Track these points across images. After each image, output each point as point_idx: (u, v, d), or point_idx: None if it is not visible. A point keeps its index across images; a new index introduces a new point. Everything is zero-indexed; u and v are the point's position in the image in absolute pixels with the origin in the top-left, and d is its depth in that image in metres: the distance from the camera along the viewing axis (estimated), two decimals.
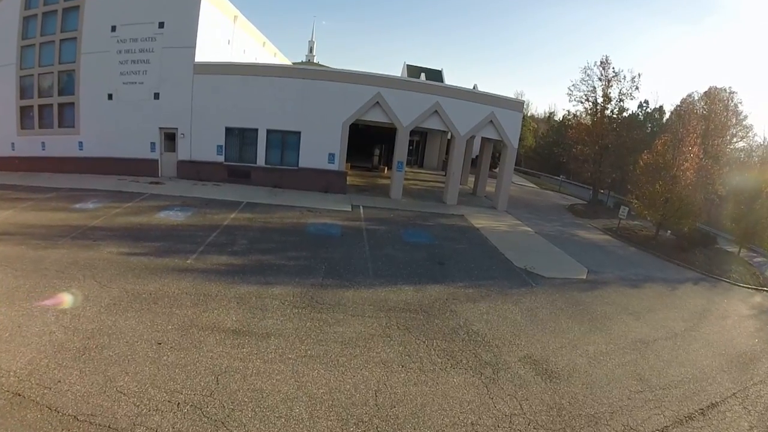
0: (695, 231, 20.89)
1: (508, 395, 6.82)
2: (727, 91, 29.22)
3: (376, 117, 19.51)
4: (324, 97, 19.19)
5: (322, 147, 19.48)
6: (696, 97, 30.41)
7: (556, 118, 47.43)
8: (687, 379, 8.16)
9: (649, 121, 31.48)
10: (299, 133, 19.47)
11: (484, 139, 25.29)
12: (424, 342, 8.05)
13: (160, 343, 6.93)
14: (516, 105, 22.02)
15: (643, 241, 19.86)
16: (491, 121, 20.80)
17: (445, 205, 20.58)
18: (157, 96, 20.06)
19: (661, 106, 32.91)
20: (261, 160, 19.74)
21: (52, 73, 21.53)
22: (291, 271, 10.67)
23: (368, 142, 30.40)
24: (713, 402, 7.55)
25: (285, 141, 19.72)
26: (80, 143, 21.49)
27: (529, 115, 45.42)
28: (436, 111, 19.77)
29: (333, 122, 19.27)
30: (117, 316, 7.63)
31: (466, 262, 13.00)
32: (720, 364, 9.04)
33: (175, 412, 5.48)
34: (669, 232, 21.67)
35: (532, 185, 37.04)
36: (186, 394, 5.83)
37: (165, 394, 5.77)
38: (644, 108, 31.53)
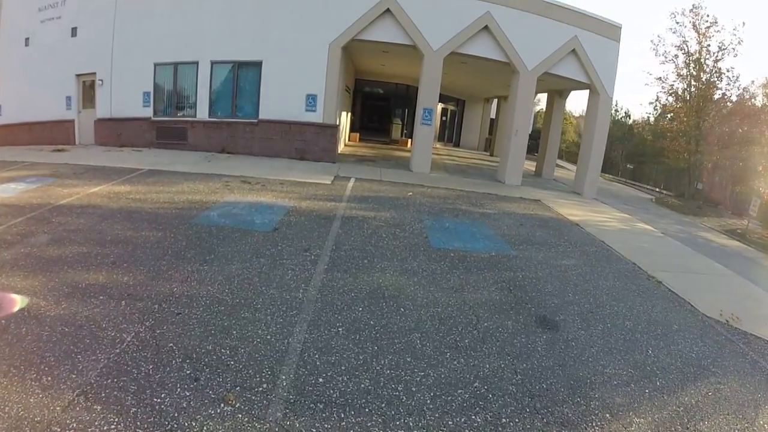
0: None
1: None
2: None
3: (385, 35, 11.73)
4: (297, 5, 11.68)
5: (297, 85, 11.84)
6: None
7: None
8: None
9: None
10: (260, 63, 11.94)
11: (552, 94, 17.11)
12: None
13: None
14: (611, 30, 13.66)
15: None
16: (574, 50, 12.76)
17: (504, 186, 12.54)
18: (74, 32, 14.06)
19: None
20: (203, 111, 12.37)
21: None
22: None
23: (386, 109, 22.96)
24: None
25: (238, 78, 12.26)
26: None
27: (567, 111, 40.16)
28: (486, 27, 11.84)
29: (313, 45, 11.64)
30: None
31: (603, 311, 4.84)
32: None
33: None
34: None
35: None
36: None
37: None
38: None
